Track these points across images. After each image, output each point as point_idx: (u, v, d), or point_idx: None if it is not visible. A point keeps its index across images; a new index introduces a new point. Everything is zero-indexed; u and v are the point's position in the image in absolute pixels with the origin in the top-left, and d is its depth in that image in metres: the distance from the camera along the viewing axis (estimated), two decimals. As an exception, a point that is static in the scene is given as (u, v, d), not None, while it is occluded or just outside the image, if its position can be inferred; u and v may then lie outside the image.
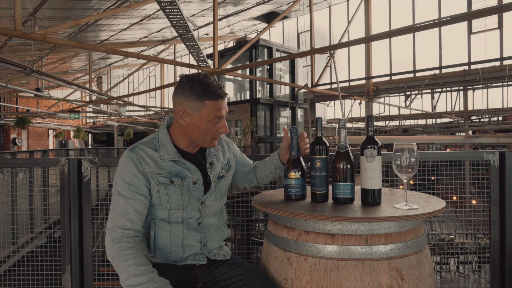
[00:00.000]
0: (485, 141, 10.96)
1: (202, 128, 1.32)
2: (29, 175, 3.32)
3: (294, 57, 10.47)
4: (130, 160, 1.31)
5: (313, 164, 1.40)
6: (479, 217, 2.29)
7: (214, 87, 1.30)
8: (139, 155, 1.32)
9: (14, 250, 3.52)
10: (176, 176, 1.35)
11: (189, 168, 1.37)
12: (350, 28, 14.66)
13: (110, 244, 1.24)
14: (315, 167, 1.40)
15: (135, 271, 1.16)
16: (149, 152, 1.34)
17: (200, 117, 1.31)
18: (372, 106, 14.50)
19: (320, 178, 1.39)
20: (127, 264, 1.18)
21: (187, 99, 1.30)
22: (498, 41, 12.05)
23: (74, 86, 12.21)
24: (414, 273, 1.18)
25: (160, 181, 1.32)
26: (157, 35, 15.89)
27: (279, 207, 1.30)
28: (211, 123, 1.32)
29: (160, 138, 1.37)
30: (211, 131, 1.34)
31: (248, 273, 1.36)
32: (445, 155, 2.15)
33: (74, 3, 9.75)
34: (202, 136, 1.34)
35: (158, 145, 1.36)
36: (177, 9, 7.46)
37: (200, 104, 1.29)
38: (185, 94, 1.30)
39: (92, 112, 18.37)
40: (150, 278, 1.15)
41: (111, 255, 1.22)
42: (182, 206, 1.35)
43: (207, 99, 1.29)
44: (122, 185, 1.29)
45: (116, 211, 1.27)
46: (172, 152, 1.35)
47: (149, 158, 1.33)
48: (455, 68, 12.59)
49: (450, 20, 6.05)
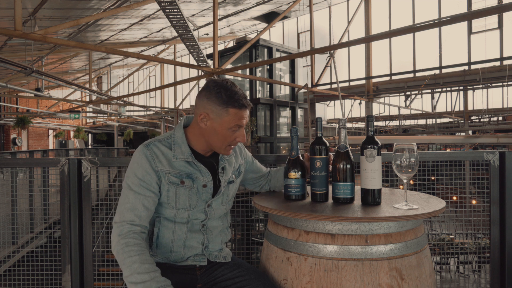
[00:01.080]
0: (485, 141, 10.96)
1: (221, 134, 1.33)
2: (29, 175, 3.33)
3: (294, 57, 10.45)
4: (144, 156, 1.31)
5: (313, 164, 1.40)
6: (479, 217, 2.29)
7: (240, 96, 1.31)
8: (154, 152, 1.33)
9: (14, 250, 3.52)
10: (187, 177, 1.35)
11: (201, 171, 1.37)
12: (350, 28, 14.65)
13: (116, 238, 1.24)
14: (315, 167, 1.40)
15: (139, 268, 1.16)
16: (164, 150, 1.34)
17: (222, 123, 1.31)
18: (372, 106, 14.50)
19: (320, 178, 1.38)
20: (132, 260, 1.18)
21: (212, 103, 1.31)
22: (498, 41, 12.05)
23: (74, 86, 12.21)
24: (414, 273, 1.18)
25: (171, 180, 1.33)
26: (157, 35, 15.89)
27: (279, 207, 1.30)
28: (230, 130, 1.33)
29: (175, 137, 1.38)
30: (229, 139, 1.34)
31: (248, 274, 1.36)
32: (445, 155, 2.15)
33: (74, 3, 9.75)
34: (220, 142, 1.34)
35: (173, 144, 1.36)
36: (177, 9, 7.46)
37: (223, 110, 1.30)
38: (211, 99, 1.31)
39: (92, 112, 18.36)
40: (153, 277, 1.15)
41: (116, 249, 1.22)
42: (189, 207, 1.36)
43: (232, 107, 1.30)
44: (133, 180, 1.30)
45: (126, 206, 1.27)
46: (186, 153, 1.35)
47: (162, 156, 1.33)
48: (455, 68, 12.59)
49: (450, 20, 6.05)
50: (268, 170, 1.69)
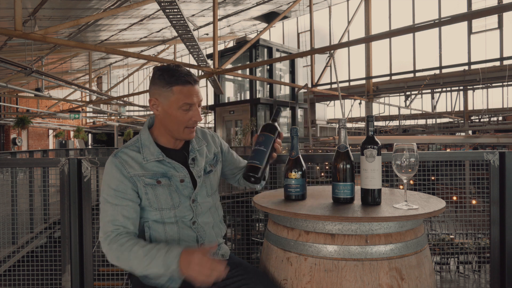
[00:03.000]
0: (485, 141, 10.96)
1: (173, 116, 1.31)
2: (29, 175, 3.33)
3: (294, 57, 10.46)
4: (113, 166, 1.30)
5: (258, 139, 1.38)
6: (479, 217, 2.29)
7: (181, 73, 1.30)
8: (123, 159, 1.31)
9: (14, 250, 3.52)
10: (162, 176, 1.33)
11: (174, 167, 1.35)
12: (350, 28, 14.66)
13: (108, 248, 1.23)
14: (258, 141, 1.37)
15: (143, 252, 1.18)
16: (133, 154, 1.33)
17: (170, 104, 1.30)
18: (372, 106, 14.50)
19: (258, 152, 1.35)
20: (134, 250, 1.19)
21: (157, 87, 1.31)
22: (498, 41, 12.05)
23: (74, 86, 12.22)
24: (414, 273, 1.18)
25: (146, 183, 1.31)
26: (157, 35, 15.89)
27: (279, 207, 1.29)
28: (181, 110, 1.31)
29: (142, 139, 1.36)
30: (183, 120, 1.32)
31: (247, 273, 1.36)
32: (445, 155, 2.15)
33: (74, 3, 9.75)
34: (176, 125, 1.33)
35: (141, 147, 1.35)
36: (177, 9, 7.45)
37: (168, 90, 1.29)
38: (155, 83, 1.32)
39: (92, 112, 18.37)
40: (164, 247, 1.19)
41: (115, 256, 1.21)
42: (173, 206, 1.33)
43: (175, 84, 1.29)
44: (108, 192, 1.28)
45: (106, 219, 1.26)
46: (155, 152, 1.33)
47: (133, 161, 1.31)
48: (455, 68, 12.59)
49: (450, 20, 6.05)
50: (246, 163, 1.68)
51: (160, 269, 1.16)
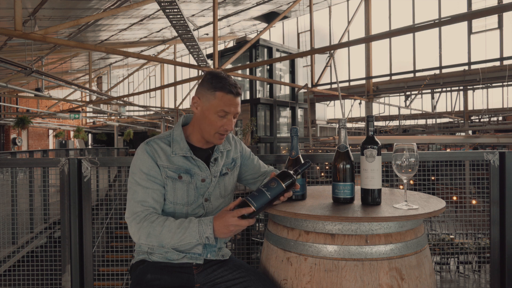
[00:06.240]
0: (485, 141, 10.95)
1: (208, 118, 1.37)
2: (29, 175, 3.32)
3: (294, 57, 10.45)
4: (145, 152, 1.38)
5: (270, 181, 1.28)
6: (479, 217, 2.29)
7: (228, 82, 1.37)
8: (153, 148, 1.39)
9: (14, 250, 3.52)
10: (185, 172, 1.39)
11: (199, 166, 1.41)
12: (350, 28, 14.65)
13: (137, 227, 1.28)
14: (269, 185, 1.27)
15: (175, 225, 1.26)
16: (163, 146, 1.40)
17: (209, 107, 1.37)
18: (372, 106, 14.50)
19: (259, 197, 1.24)
20: (166, 225, 1.26)
21: (203, 88, 1.39)
22: (498, 41, 12.04)
23: (74, 86, 12.21)
24: (414, 273, 1.18)
25: (168, 175, 1.37)
26: (157, 35, 15.89)
27: (279, 207, 1.30)
28: (217, 115, 1.37)
29: (174, 135, 1.44)
30: (216, 125, 1.38)
31: (249, 275, 1.36)
32: (445, 155, 2.15)
33: (74, 3, 9.75)
34: (208, 127, 1.39)
35: (172, 141, 1.42)
36: (177, 9, 7.46)
37: (211, 94, 1.37)
38: (203, 85, 1.40)
39: (92, 112, 18.36)
40: (191, 219, 1.27)
41: (145, 232, 1.26)
42: (187, 203, 1.38)
43: (219, 90, 1.36)
44: (140, 176, 1.34)
45: (136, 199, 1.32)
46: (184, 148, 1.40)
47: (162, 152, 1.39)
48: (455, 68, 12.58)
49: (450, 20, 6.05)
50: (267, 170, 1.64)
51: (195, 237, 1.24)
